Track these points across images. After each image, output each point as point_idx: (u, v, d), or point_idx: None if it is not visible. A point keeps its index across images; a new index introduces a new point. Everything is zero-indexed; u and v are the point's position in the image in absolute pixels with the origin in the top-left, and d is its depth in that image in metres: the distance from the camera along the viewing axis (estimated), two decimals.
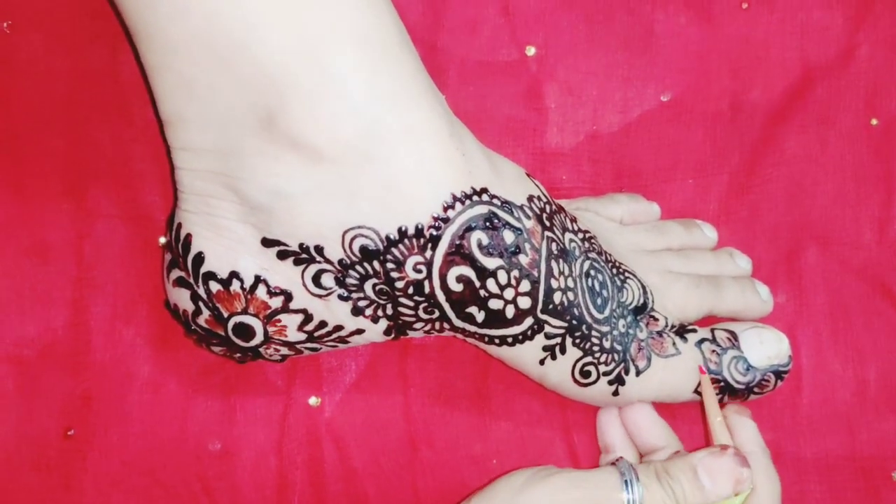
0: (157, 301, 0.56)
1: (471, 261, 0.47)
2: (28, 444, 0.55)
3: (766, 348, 0.55)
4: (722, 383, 0.55)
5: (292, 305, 0.48)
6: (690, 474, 0.50)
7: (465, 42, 0.61)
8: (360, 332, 0.50)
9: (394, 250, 0.46)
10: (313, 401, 0.57)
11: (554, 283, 0.50)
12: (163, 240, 0.57)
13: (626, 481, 0.49)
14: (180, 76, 0.45)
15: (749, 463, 0.50)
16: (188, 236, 0.49)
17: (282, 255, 0.47)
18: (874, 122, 0.63)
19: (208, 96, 0.45)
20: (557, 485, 0.50)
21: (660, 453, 0.55)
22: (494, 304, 0.48)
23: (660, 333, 0.55)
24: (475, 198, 0.47)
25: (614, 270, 0.54)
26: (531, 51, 0.61)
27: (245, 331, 0.49)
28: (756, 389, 0.55)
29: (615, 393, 0.54)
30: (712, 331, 0.56)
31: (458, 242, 0.47)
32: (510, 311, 0.49)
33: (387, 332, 0.50)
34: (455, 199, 0.47)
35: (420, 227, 0.46)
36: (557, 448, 0.58)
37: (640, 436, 0.55)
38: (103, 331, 0.56)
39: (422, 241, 0.46)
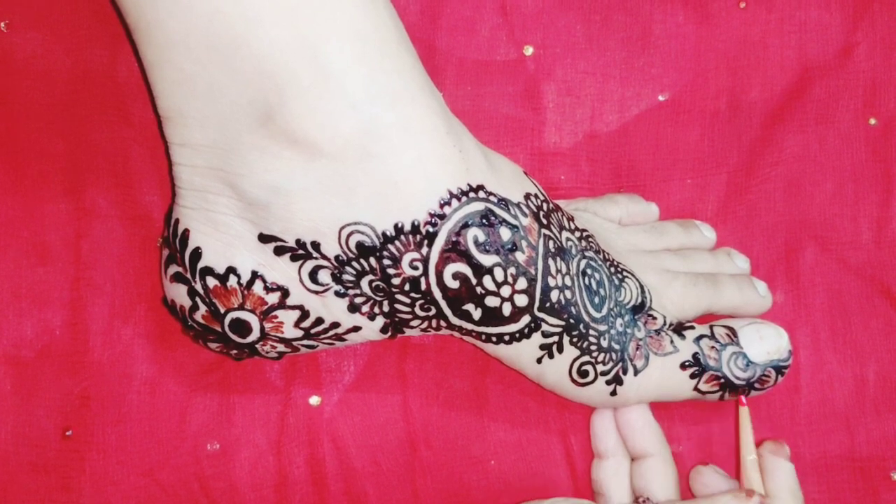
0: (156, 301, 0.56)
1: (467, 258, 0.47)
2: (26, 445, 0.55)
3: (765, 344, 0.55)
4: (722, 380, 0.55)
5: (289, 301, 0.48)
6: None
7: (462, 42, 0.61)
8: (356, 329, 0.50)
9: (390, 247, 0.46)
10: (313, 400, 0.57)
11: (551, 281, 0.50)
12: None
13: None
14: (180, 72, 0.45)
15: None
16: (186, 231, 0.49)
17: (279, 251, 0.47)
18: (872, 121, 0.63)
19: (207, 92, 0.45)
20: None
21: (649, 460, 0.55)
22: (491, 301, 0.48)
23: (658, 332, 0.55)
24: (472, 194, 0.47)
25: (612, 269, 0.54)
26: (529, 50, 0.61)
27: (242, 327, 0.49)
28: (757, 385, 0.55)
29: (613, 393, 0.54)
30: (711, 328, 0.56)
31: (454, 239, 0.47)
32: (507, 309, 0.49)
33: (383, 329, 0.50)
34: (452, 195, 0.47)
35: (416, 223, 0.46)
36: (555, 449, 0.58)
37: (632, 438, 0.55)
38: (101, 331, 0.56)
39: (418, 237, 0.46)
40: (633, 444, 0.56)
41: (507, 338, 0.50)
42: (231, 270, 0.48)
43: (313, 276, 0.48)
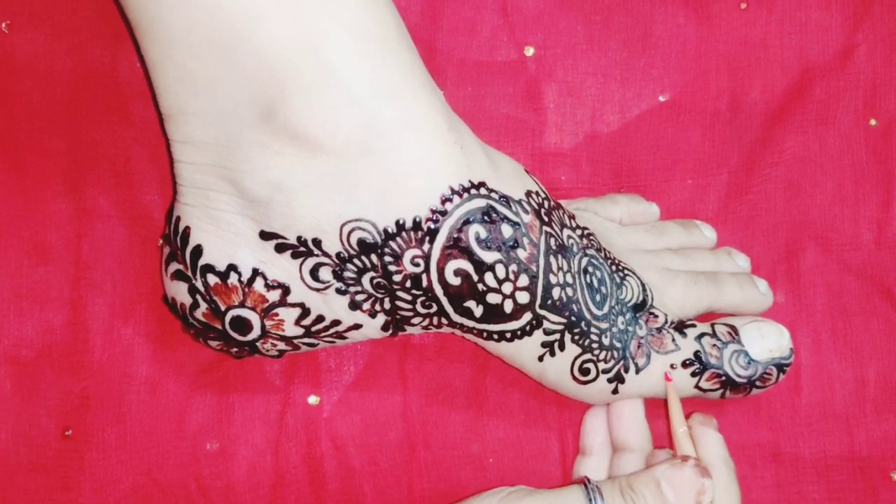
0: (156, 301, 0.56)
1: (469, 254, 0.47)
2: (26, 445, 0.55)
3: (767, 341, 0.55)
4: (723, 377, 0.55)
5: (290, 299, 0.48)
6: (653, 487, 0.50)
7: (463, 42, 0.61)
8: (357, 327, 0.50)
9: (391, 243, 0.46)
10: (312, 400, 0.57)
11: (552, 279, 0.50)
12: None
13: (590, 500, 0.49)
14: (182, 69, 0.45)
15: (710, 474, 0.50)
16: (187, 229, 0.49)
17: (280, 248, 0.47)
18: (873, 122, 0.63)
19: (209, 89, 0.45)
20: None
21: (628, 454, 0.55)
22: (492, 298, 0.48)
23: (659, 330, 0.55)
24: (473, 191, 0.47)
25: (613, 267, 0.54)
26: (530, 51, 0.61)
27: (242, 324, 0.49)
28: (758, 383, 0.55)
29: (615, 391, 0.54)
30: (712, 325, 0.56)
31: (455, 236, 0.47)
32: (508, 306, 0.49)
33: (384, 327, 0.50)
34: (453, 192, 0.47)
35: (418, 220, 0.46)
36: (553, 448, 0.58)
37: (618, 429, 0.55)
38: (101, 331, 0.56)
39: (419, 234, 0.46)
40: (617, 436, 0.55)
41: (508, 335, 0.50)
42: (232, 268, 0.48)
43: (314, 273, 0.48)
